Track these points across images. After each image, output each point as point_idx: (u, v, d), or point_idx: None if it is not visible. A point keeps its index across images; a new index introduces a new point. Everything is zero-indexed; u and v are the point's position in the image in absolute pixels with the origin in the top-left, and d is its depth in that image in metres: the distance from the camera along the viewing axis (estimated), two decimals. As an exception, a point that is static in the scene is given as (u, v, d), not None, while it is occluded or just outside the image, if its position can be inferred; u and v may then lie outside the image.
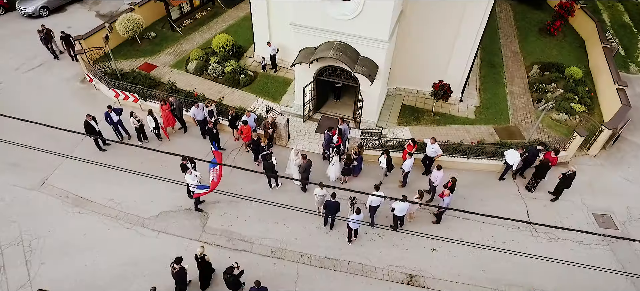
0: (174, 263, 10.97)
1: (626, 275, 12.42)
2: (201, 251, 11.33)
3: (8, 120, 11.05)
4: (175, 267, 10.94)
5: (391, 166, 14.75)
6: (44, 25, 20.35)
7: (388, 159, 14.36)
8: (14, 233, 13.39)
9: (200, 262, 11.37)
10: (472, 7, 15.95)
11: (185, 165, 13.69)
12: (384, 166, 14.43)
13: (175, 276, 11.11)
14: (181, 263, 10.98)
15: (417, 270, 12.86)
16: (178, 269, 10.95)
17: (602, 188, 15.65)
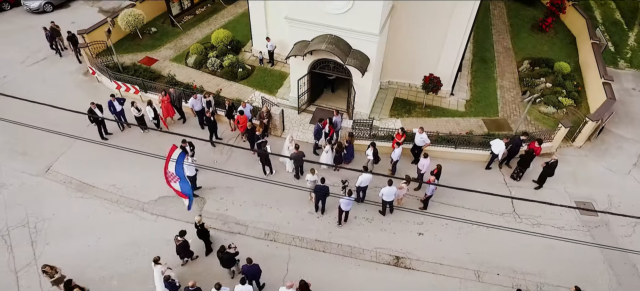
0: (177, 236, 11.79)
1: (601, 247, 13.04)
2: (199, 220, 12.31)
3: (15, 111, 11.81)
4: (179, 240, 11.77)
5: (377, 158, 15.35)
6: (53, 21, 21.04)
7: (374, 151, 15.00)
8: (21, 215, 14.12)
9: (199, 229, 12.29)
10: (461, 4, 16.55)
11: (184, 148, 14.35)
12: (370, 157, 15.06)
13: (179, 248, 11.95)
14: (185, 236, 11.77)
15: (404, 252, 13.51)
16: (181, 241, 11.76)
17: (586, 177, 16.26)
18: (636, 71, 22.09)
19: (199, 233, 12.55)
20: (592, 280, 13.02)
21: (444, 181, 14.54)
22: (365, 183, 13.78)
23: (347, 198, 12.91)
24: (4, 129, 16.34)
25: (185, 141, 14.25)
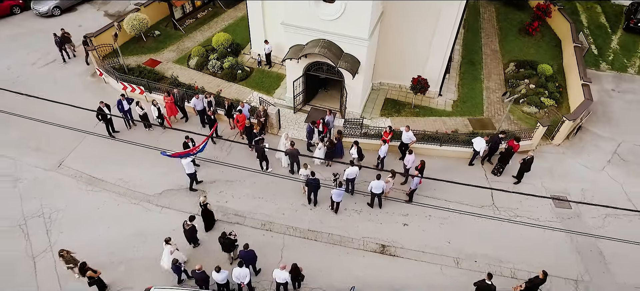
0: (187, 221, 13.03)
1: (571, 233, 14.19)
2: (204, 200, 13.72)
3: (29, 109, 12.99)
4: (188, 224, 12.99)
5: (361, 155, 16.43)
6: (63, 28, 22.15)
7: (358, 149, 16.14)
8: (36, 206, 15.31)
9: (203, 209, 13.69)
10: (446, 13, 17.67)
11: (187, 143, 15.57)
12: (355, 156, 16.19)
13: (187, 233, 13.26)
14: (193, 221, 13.06)
15: (389, 241, 14.67)
16: (190, 226, 12.99)
17: (562, 173, 17.40)
18: (616, 73, 23.19)
19: (203, 213, 13.99)
20: (563, 266, 14.16)
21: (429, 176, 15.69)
22: (353, 175, 14.96)
23: (337, 189, 14.09)
24: (18, 126, 17.59)
25: (188, 137, 15.44)
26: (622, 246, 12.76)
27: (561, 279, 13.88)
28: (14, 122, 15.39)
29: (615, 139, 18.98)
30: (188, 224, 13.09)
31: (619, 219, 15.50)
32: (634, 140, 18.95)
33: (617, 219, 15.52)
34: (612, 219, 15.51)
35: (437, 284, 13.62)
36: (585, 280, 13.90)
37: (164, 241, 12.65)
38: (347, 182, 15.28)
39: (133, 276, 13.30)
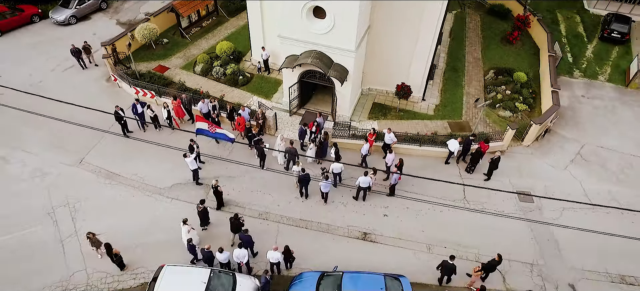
0: (199, 204, 15.45)
1: (531, 222, 16.34)
2: (215, 183, 16.24)
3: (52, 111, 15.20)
4: (200, 206, 15.36)
5: (339, 156, 18.54)
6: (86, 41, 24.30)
7: (336, 150, 18.31)
8: (61, 197, 17.56)
9: (215, 190, 16.31)
10: (425, 29, 19.82)
11: (192, 146, 17.79)
12: (332, 156, 18.35)
13: (200, 214, 15.67)
14: (204, 204, 15.61)
15: (370, 230, 16.85)
16: (202, 208, 15.42)
17: (529, 171, 19.53)
18: (588, 80, 25.26)
19: (215, 193, 16.63)
20: (521, 252, 16.31)
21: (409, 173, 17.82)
22: (338, 170, 17.20)
23: (325, 182, 16.31)
24: (43, 126, 19.83)
25: (192, 140, 17.66)
26: (575, 235, 15.04)
27: (519, 262, 16.04)
28: (40, 123, 17.88)
29: (580, 141, 21.09)
30: (200, 207, 15.35)
31: (575, 212, 17.60)
32: (596, 142, 21.06)
33: (573, 212, 17.62)
34: (569, 212, 17.61)
35: (411, 266, 15.76)
36: (539, 263, 16.04)
37: (181, 221, 14.90)
38: (334, 176, 17.48)
39: (148, 257, 15.51)
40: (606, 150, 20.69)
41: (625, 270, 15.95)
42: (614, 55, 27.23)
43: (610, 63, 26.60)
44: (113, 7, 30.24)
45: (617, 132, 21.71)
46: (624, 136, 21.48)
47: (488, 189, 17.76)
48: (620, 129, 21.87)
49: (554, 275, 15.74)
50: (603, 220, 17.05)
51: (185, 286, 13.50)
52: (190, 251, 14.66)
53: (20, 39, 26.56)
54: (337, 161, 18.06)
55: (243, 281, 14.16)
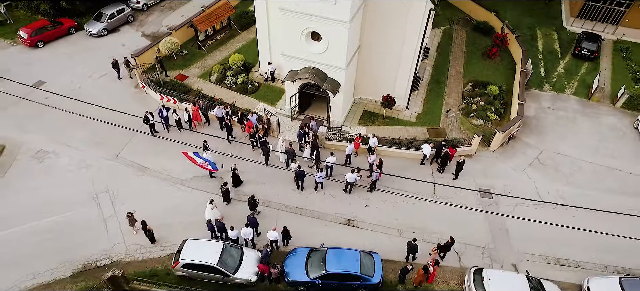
0: (222, 185, 19.72)
1: (487, 213, 20.08)
2: (234, 166, 20.43)
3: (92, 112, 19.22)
4: (223, 187, 19.65)
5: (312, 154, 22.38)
6: (126, 57, 28.32)
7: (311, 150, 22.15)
8: (103, 185, 21.69)
9: (234, 173, 20.47)
10: (406, 53, 23.56)
11: (205, 146, 21.80)
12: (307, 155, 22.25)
13: (223, 193, 20.03)
14: (227, 185, 19.72)
15: (353, 217, 20.70)
16: (225, 189, 19.67)
17: (492, 173, 23.19)
18: (555, 93, 28.73)
19: (233, 176, 20.79)
20: (477, 237, 20.04)
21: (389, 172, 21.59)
22: (330, 163, 21.18)
23: (319, 173, 20.28)
24: (85, 126, 23.93)
25: (206, 141, 21.67)
26: (523, 225, 18.82)
27: (473, 246, 19.78)
28: (81, 123, 22.03)
29: (539, 147, 24.69)
30: (224, 187, 19.48)
31: (525, 207, 21.19)
32: (554, 149, 24.62)
33: (525, 207, 21.22)
34: (521, 207, 21.23)
35: (385, 247, 19.54)
36: (490, 247, 19.77)
37: (209, 201, 19.01)
38: (326, 168, 21.39)
39: (173, 234, 19.50)
40: (561, 155, 24.27)
41: (560, 254, 19.61)
42: (582, 70, 30.66)
43: (578, 78, 30.04)
44: (138, 20, 34.43)
45: (574, 140, 25.24)
46: (579, 144, 25.01)
47: (454, 187, 21.63)
48: (577, 137, 25.39)
49: (501, 256, 19.46)
50: (548, 214, 20.60)
51: (203, 255, 17.48)
52: (209, 229, 18.67)
53: (60, 49, 30.86)
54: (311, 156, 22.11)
55: (248, 253, 18.16)
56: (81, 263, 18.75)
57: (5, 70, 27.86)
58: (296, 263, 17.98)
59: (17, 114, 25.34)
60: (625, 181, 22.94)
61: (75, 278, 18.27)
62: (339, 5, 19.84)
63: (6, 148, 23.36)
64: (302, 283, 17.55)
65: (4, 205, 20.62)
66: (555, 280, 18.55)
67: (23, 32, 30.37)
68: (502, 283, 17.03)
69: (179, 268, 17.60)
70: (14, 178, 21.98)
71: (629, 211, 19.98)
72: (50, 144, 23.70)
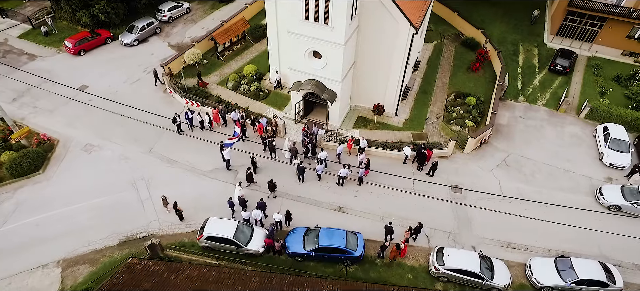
0: (247, 169, 24.80)
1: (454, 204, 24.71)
2: (253, 155, 25.63)
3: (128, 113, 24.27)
4: (247, 171, 24.72)
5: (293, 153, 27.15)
6: (165, 66, 33.49)
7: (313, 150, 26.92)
8: (139, 174, 26.75)
9: (253, 160, 25.44)
10: (393, 69, 28.19)
11: (221, 146, 26.71)
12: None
13: (247, 176, 25.13)
14: (250, 170, 24.73)
15: (344, 205, 25.45)
16: (248, 173, 24.77)
17: (464, 172, 27.71)
18: (528, 104, 33.08)
19: (252, 162, 25.81)
20: (445, 224, 24.62)
21: (375, 169, 26.28)
22: (323, 156, 26.03)
23: (319, 165, 25.12)
24: (123, 125, 29.08)
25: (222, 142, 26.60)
26: (483, 214, 23.51)
27: (441, 231, 24.37)
28: (120, 121, 27.15)
29: (507, 151, 29.15)
30: (247, 171, 24.52)
31: (488, 200, 25.67)
32: (519, 153, 29.05)
33: (487, 200, 25.70)
34: (484, 200, 25.71)
35: (368, 229, 24.23)
36: (455, 232, 24.35)
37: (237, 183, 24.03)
38: (321, 160, 26.22)
39: (198, 214, 24.41)
40: (525, 158, 28.70)
41: (512, 239, 24.10)
42: (555, 84, 34.94)
43: (551, 91, 34.33)
44: (165, 31, 39.59)
45: (538, 145, 29.64)
46: (542, 149, 29.39)
47: (430, 182, 26.25)
48: (540, 143, 29.78)
49: (463, 239, 24.04)
50: (506, 206, 25.17)
51: (222, 230, 22.39)
52: (230, 206, 23.66)
53: (98, 57, 36.14)
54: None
55: (257, 230, 23.06)
56: (125, 234, 23.82)
57: (54, 75, 33.13)
58: (295, 239, 22.79)
59: (67, 114, 30.58)
60: (576, 181, 27.31)
61: (121, 246, 23.35)
62: (336, 31, 24.56)
63: (60, 141, 28.60)
64: (300, 255, 22.35)
65: (63, 187, 25.83)
66: (505, 259, 23.07)
67: (68, 42, 35.72)
68: (458, 258, 21.63)
69: (203, 240, 22.55)
70: (68, 166, 27.18)
71: (576, 206, 24.40)
72: (96, 139, 28.87)
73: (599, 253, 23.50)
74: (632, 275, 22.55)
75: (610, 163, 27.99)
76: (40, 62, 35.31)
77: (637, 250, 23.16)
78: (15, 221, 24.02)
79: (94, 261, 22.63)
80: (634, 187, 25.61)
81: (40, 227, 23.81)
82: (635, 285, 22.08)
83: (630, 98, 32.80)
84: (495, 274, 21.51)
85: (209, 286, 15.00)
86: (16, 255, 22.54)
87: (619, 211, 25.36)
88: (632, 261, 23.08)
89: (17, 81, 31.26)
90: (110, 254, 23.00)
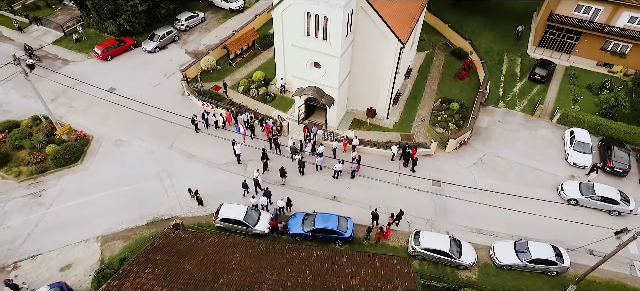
0: (262, 158, 29.23)
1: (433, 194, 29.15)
2: (264, 148, 29.85)
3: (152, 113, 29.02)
4: (263, 160, 29.23)
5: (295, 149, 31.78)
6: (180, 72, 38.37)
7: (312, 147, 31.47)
8: (163, 166, 31.45)
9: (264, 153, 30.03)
10: (383, 80, 32.62)
11: (234, 142, 31.32)
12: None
13: (264, 165, 29.48)
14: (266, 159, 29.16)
15: (338, 195, 29.94)
16: (264, 162, 29.17)
17: (444, 168, 32.06)
18: (507, 110, 37.28)
19: (263, 155, 30.15)
20: (424, 212, 29.00)
21: (367, 165, 30.71)
22: (321, 150, 30.51)
23: (318, 158, 29.71)
24: (148, 123, 33.81)
25: (234, 139, 31.22)
26: (458, 204, 27.89)
27: (421, 218, 28.75)
28: (145, 120, 31.80)
29: (483, 150, 33.44)
30: (263, 160, 29.11)
31: (463, 192, 29.98)
32: (495, 153, 33.33)
33: (463, 192, 30.00)
34: (460, 193, 30.03)
35: (358, 215, 28.66)
36: (432, 219, 28.73)
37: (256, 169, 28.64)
38: (320, 155, 30.74)
39: (214, 200, 29.00)
40: (500, 158, 32.97)
41: (481, 226, 28.41)
42: (533, 92, 39.11)
43: (529, 98, 38.51)
44: (182, 39, 44.36)
45: (512, 146, 33.88)
46: (516, 150, 33.63)
47: (414, 176, 30.67)
48: (515, 145, 34.02)
49: (439, 225, 28.41)
50: (478, 198, 29.45)
51: (234, 213, 26.98)
52: (243, 187, 28.36)
53: (124, 62, 40.99)
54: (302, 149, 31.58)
55: (263, 214, 27.65)
56: (152, 216, 28.51)
57: (85, 78, 37.89)
58: (296, 222, 27.30)
59: (99, 113, 35.42)
60: (543, 178, 31.55)
61: (149, 226, 28.04)
62: (333, 45, 29.05)
63: (94, 137, 33.43)
64: (299, 235, 26.87)
65: (98, 176, 30.60)
66: (474, 242, 27.40)
67: (97, 48, 40.61)
68: (431, 239, 26.00)
69: (218, 222, 27.14)
70: (102, 158, 31.98)
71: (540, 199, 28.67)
72: (124, 135, 33.65)
73: (555, 239, 27.71)
74: (582, 257, 26.73)
75: (574, 163, 32.18)
76: (72, 66, 40.25)
77: (588, 237, 27.28)
78: (60, 204, 28.83)
79: (126, 237, 27.34)
80: (590, 184, 29.79)
81: (80, 209, 28.58)
82: (584, 265, 26.24)
83: (598, 105, 36.87)
84: (463, 253, 25.86)
85: (227, 249, 19.46)
86: (62, 231, 27.30)
87: (577, 204, 29.57)
88: (582, 246, 27.27)
89: (54, 83, 36.23)
90: (140, 232, 27.69)
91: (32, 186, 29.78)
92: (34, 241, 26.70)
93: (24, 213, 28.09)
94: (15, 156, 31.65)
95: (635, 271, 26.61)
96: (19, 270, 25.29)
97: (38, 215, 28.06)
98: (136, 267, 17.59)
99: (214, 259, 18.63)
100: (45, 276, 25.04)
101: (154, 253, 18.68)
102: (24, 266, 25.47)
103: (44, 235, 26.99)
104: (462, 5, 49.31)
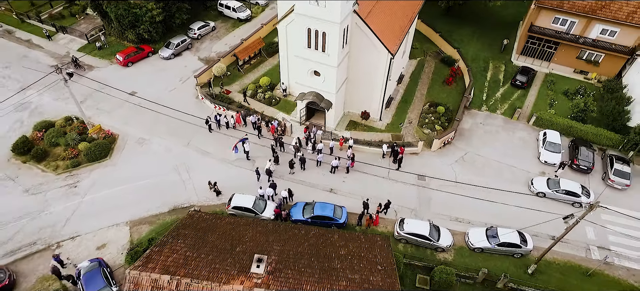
0: (272, 152, 34.06)
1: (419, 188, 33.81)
2: (273, 144, 34.47)
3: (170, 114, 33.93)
4: (274, 154, 34.03)
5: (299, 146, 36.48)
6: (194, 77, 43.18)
7: (313, 145, 36.17)
8: (181, 161, 36.26)
9: (273, 148, 34.39)
10: (375, 88, 37.29)
11: (244, 139, 36.12)
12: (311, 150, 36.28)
13: (275, 159, 34.24)
14: (276, 153, 33.98)
15: (334, 187, 34.62)
16: (276, 156, 33.92)
17: (429, 165, 36.65)
18: (489, 113, 41.79)
19: (272, 150, 34.91)
20: (409, 203, 33.64)
21: (360, 161, 35.36)
22: (320, 147, 35.17)
23: (319, 155, 34.39)
24: (166, 124, 38.63)
25: (245, 137, 36.02)
26: (440, 196, 32.49)
27: (406, 208, 33.40)
28: (163, 120, 36.65)
29: (465, 150, 38.02)
30: (274, 154, 33.84)
31: (446, 185, 34.59)
32: (476, 151, 37.89)
33: (446, 185, 34.61)
34: (442, 186, 34.65)
35: (352, 205, 33.32)
36: (416, 209, 33.37)
37: (268, 159, 33.40)
38: (319, 151, 35.44)
39: (227, 191, 33.76)
40: (479, 156, 37.54)
41: (459, 215, 33.01)
42: (514, 96, 43.61)
43: (510, 102, 43.02)
44: (195, 47, 49.23)
45: (491, 146, 38.42)
46: (495, 149, 38.16)
47: (402, 172, 35.34)
48: (494, 145, 38.56)
49: (422, 214, 33.04)
50: (458, 191, 34.03)
51: (244, 202, 31.72)
52: (257, 174, 33.17)
53: (143, 69, 45.88)
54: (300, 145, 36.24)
55: (269, 203, 32.40)
56: (173, 205, 33.30)
57: (109, 82, 42.77)
58: (297, 210, 32.01)
59: (123, 114, 40.29)
60: (516, 174, 36.10)
61: (170, 212, 32.84)
62: (330, 56, 33.73)
63: (119, 136, 38.31)
64: (300, 221, 31.59)
65: (125, 170, 35.46)
66: (452, 229, 31.98)
67: (119, 55, 45.52)
68: (414, 225, 30.63)
69: (230, 209, 31.89)
70: (127, 154, 36.84)
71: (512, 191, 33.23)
72: (146, 134, 38.50)
73: (523, 226, 32.25)
74: (544, 241, 31.26)
75: (545, 161, 36.71)
76: (97, 71, 45.21)
77: (551, 224, 31.75)
78: (93, 194, 33.72)
79: (151, 222, 32.16)
80: (556, 179, 34.33)
81: (111, 198, 33.43)
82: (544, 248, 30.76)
83: (571, 109, 41.32)
84: (441, 237, 30.48)
85: (241, 227, 24.23)
86: (96, 217, 32.14)
87: (544, 197, 34.10)
88: (546, 232, 31.76)
89: (83, 86, 41.16)
90: (163, 218, 32.49)
91: (68, 178, 34.69)
92: (73, 224, 31.57)
93: (62, 201, 33.00)
94: (52, 152, 36.58)
95: (590, 253, 31.13)
96: (61, 248, 30.14)
97: (75, 203, 32.96)
98: (170, 239, 22.39)
99: (231, 234, 23.41)
100: (84, 254, 29.88)
101: (183, 229, 23.48)
102: (66, 246, 30.34)
103: (81, 220, 31.86)
104: (453, 14, 53.82)
